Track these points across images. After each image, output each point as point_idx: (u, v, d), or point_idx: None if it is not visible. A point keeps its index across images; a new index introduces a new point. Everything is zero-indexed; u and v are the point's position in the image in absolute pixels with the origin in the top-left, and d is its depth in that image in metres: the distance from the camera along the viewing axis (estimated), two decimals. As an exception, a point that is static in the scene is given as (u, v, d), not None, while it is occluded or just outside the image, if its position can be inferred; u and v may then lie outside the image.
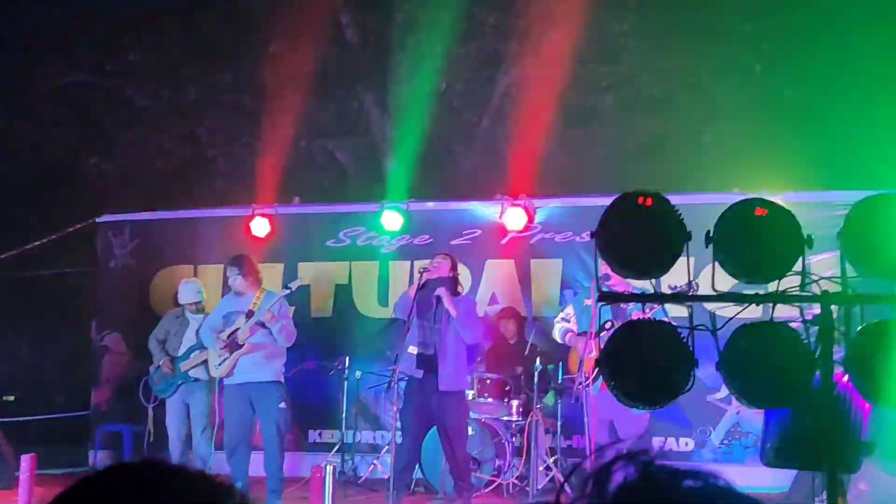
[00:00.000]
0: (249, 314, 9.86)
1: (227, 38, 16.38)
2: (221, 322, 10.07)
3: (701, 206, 8.24)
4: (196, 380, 10.66)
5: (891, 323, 4.63)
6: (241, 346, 9.81)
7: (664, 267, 4.70)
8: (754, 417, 10.93)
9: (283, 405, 9.96)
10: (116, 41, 16.34)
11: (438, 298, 9.48)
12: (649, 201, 4.68)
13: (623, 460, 1.01)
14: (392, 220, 12.52)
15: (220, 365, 9.94)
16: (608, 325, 8.53)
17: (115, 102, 16.80)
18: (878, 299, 4.83)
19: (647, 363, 4.63)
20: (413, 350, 9.33)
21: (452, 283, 9.64)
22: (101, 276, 13.79)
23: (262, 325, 9.83)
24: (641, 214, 4.67)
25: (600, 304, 6.07)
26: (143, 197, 15.32)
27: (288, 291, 10.16)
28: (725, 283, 4.86)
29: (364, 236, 12.95)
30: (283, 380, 10.04)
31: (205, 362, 10.53)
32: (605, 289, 7.57)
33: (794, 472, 8.63)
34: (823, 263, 8.27)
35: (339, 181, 17.25)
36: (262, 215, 12.81)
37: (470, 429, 10.64)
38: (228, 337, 9.88)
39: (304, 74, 15.11)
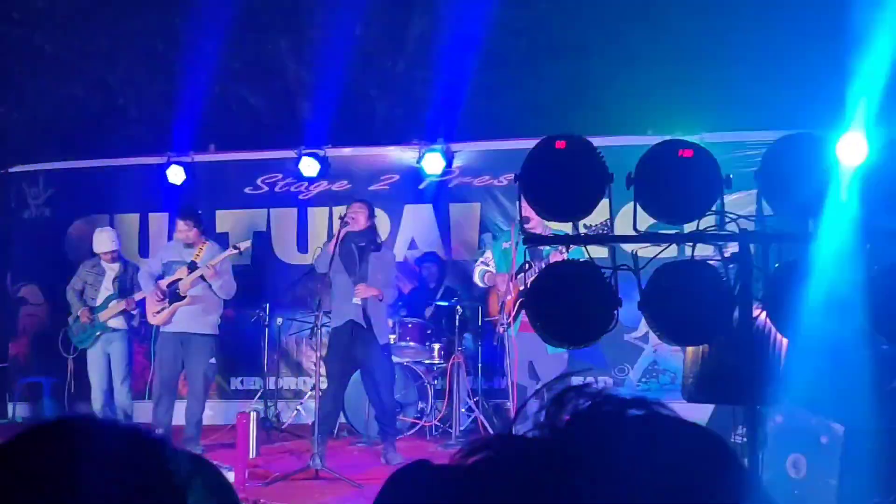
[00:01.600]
0: (191, 266, 9.85)
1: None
2: (161, 269, 10.05)
3: (615, 149, 8.33)
4: (115, 330, 10.59)
5: (806, 260, 4.75)
6: (182, 297, 9.83)
7: (588, 209, 4.75)
8: (671, 356, 11.15)
9: (213, 360, 10.02)
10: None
11: (362, 253, 9.47)
12: (571, 144, 4.73)
13: (573, 392, 1.06)
14: (309, 166, 12.47)
15: (158, 313, 9.92)
16: (526, 266, 8.60)
17: (23, 50, 16.39)
18: (794, 237, 4.94)
19: (571, 303, 4.70)
20: (357, 301, 9.33)
21: (371, 232, 9.61)
22: (15, 227, 13.58)
23: (203, 277, 9.83)
24: (564, 158, 4.71)
25: (524, 246, 6.12)
26: (54, 146, 15.04)
27: (236, 252, 10.11)
28: (642, 223, 4.92)
29: (282, 183, 12.90)
30: (217, 332, 10.07)
31: (123, 312, 10.48)
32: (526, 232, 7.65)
33: (711, 407, 8.81)
34: (736, 203, 8.44)
35: (255, 128, 17.08)
36: (178, 163, 12.68)
37: (391, 373, 10.73)
38: (168, 286, 9.86)
39: (217, 20, 14.88)
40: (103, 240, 10.78)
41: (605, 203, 4.90)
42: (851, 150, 5.45)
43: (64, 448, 1.14)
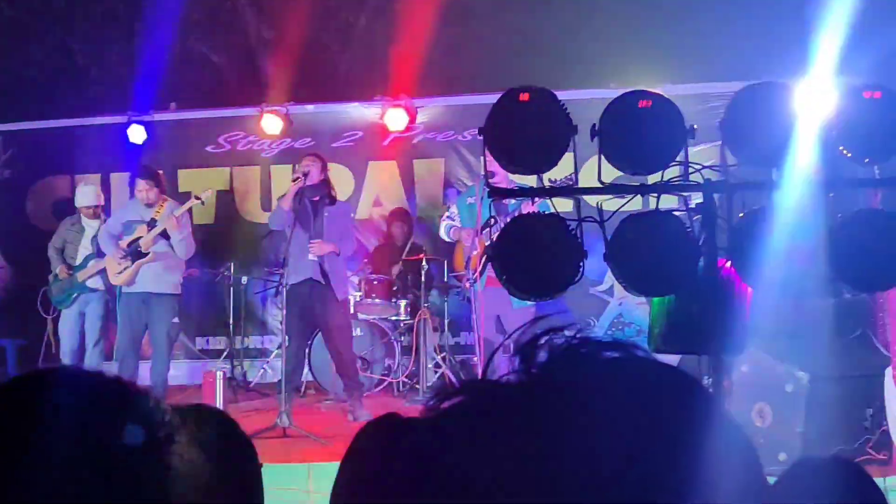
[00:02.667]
0: (151, 223, 9.73)
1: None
2: (121, 228, 9.92)
3: (579, 102, 8.33)
4: (93, 290, 10.48)
5: (770, 209, 4.76)
6: (145, 255, 9.70)
7: (552, 161, 4.74)
8: (636, 308, 11.21)
9: (176, 320, 9.96)
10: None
11: (316, 208, 9.41)
12: (535, 97, 4.71)
13: (548, 335, 1.04)
14: (271, 123, 12.39)
15: (120, 273, 9.81)
16: (491, 221, 8.58)
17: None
18: (758, 186, 4.95)
19: (537, 255, 4.69)
20: (314, 257, 9.29)
21: (325, 186, 9.53)
22: (-26, 190, 13.43)
23: (164, 235, 9.72)
24: (528, 110, 4.69)
25: (489, 199, 6.11)
26: (13, 107, 14.86)
27: (198, 202, 10.03)
28: (607, 175, 4.91)
29: (244, 141, 12.81)
30: (180, 292, 9.98)
31: (102, 271, 10.36)
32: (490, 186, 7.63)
33: (677, 358, 8.88)
34: (701, 154, 8.45)
35: (217, 86, 16.93)
36: (139, 122, 12.56)
37: (358, 329, 10.72)
38: (129, 245, 9.75)
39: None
40: (86, 193, 10.62)
41: (569, 156, 4.89)
42: (815, 99, 5.46)
43: (33, 400, 1.13)
